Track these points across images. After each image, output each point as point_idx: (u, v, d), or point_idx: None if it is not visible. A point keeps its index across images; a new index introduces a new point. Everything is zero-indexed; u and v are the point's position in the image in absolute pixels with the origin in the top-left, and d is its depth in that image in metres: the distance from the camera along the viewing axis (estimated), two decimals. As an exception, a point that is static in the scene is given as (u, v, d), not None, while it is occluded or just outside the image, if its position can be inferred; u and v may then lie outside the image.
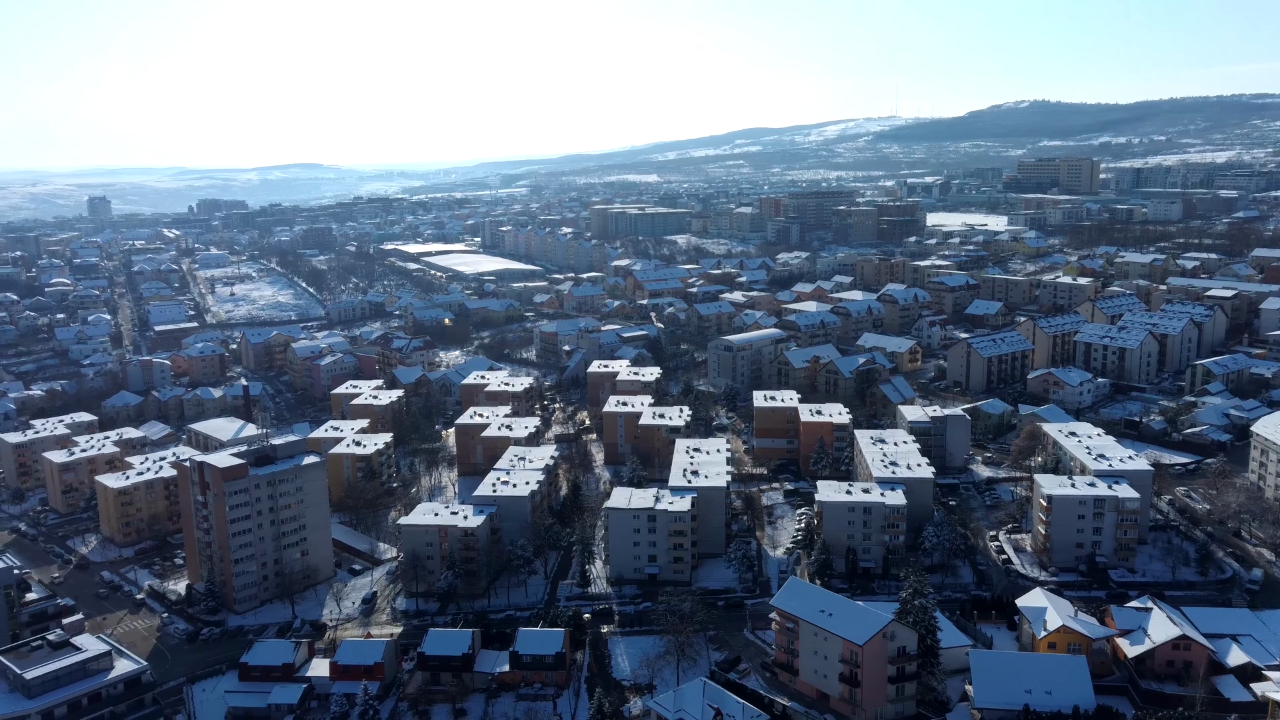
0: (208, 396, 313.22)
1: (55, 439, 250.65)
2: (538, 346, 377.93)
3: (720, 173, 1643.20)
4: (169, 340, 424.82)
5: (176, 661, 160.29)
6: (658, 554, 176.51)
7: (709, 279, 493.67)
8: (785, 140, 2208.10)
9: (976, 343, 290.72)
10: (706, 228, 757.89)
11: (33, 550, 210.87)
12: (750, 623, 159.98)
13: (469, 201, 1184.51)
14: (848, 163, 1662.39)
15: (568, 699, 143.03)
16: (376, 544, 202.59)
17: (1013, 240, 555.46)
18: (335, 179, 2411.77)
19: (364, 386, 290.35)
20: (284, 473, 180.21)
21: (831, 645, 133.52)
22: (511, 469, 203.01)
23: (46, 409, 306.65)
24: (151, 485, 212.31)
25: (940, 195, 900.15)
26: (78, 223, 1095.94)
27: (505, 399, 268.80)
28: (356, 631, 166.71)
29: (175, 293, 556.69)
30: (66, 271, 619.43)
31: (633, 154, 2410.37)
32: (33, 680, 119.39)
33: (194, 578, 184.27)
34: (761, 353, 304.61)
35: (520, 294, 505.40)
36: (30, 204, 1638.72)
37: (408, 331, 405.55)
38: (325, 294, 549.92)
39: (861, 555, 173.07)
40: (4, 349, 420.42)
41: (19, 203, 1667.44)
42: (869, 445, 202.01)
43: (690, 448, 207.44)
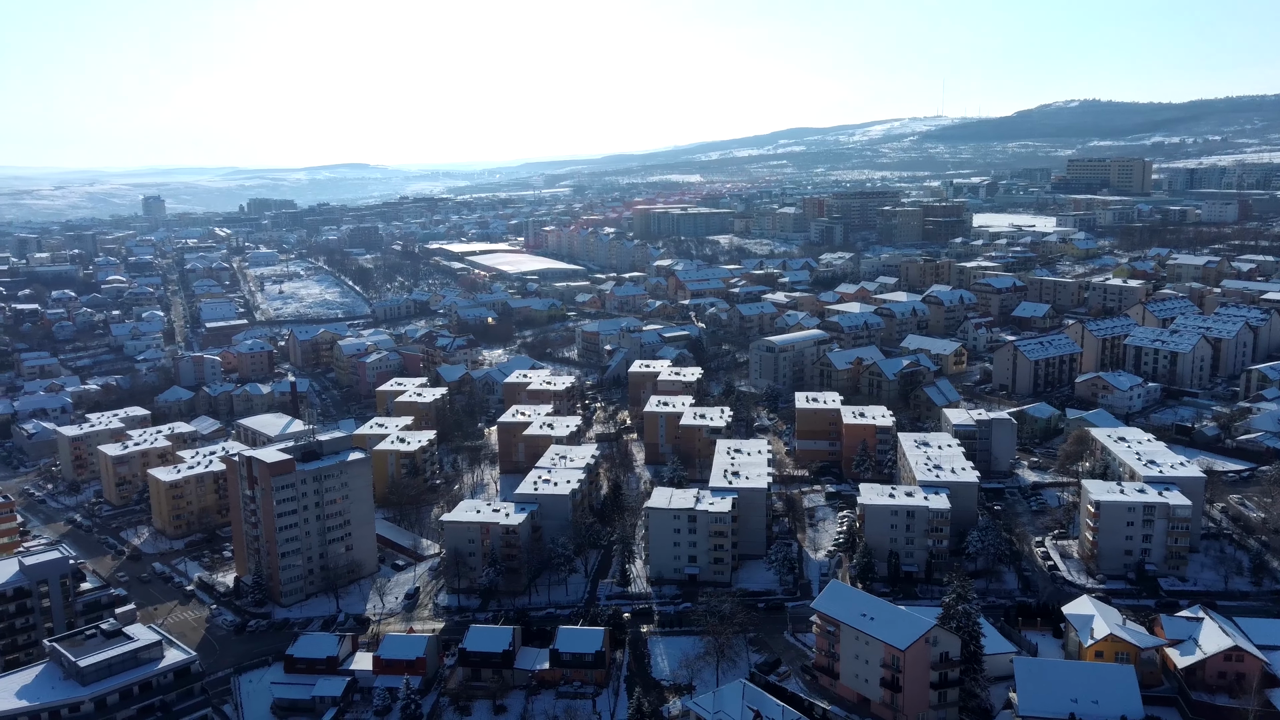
0: (256, 392, 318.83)
1: (110, 433, 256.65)
2: (579, 346, 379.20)
3: (764, 173, 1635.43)
4: (219, 337, 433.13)
5: (224, 652, 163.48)
6: (698, 554, 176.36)
7: (751, 279, 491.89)
8: (829, 140, 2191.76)
9: (1023, 345, 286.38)
10: (749, 228, 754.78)
11: (88, 541, 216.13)
12: (791, 625, 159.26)
13: (513, 201, 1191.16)
14: (892, 163, 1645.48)
15: (607, 698, 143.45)
16: (419, 540, 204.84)
17: (1061, 241, 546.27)
18: (382, 179, 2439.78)
19: (408, 384, 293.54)
20: (329, 468, 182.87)
21: (873, 649, 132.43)
22: (553, 467, 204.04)
23: (102, 403, 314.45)
24: (201, 479, 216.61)
25: (987, 196, 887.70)
26: (133, 221, 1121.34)
27: (547, 398, 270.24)
28: (399, 626, 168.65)
29: (226, 290, 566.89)
30: (122, 269, 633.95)
31: (676, 154, 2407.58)
32: (86, 668, 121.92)
33: (242, 570, 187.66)
34: (804, 354, 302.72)
35: (562, 293, 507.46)
36: (88, 203, 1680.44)
37: (452, 330, 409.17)
38: (371, 292, 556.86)
39: (904, 559, 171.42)
40: (62, 344, 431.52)
41: (77, 202, 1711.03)
42: (912, 448, 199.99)
43: (731, 448, 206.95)
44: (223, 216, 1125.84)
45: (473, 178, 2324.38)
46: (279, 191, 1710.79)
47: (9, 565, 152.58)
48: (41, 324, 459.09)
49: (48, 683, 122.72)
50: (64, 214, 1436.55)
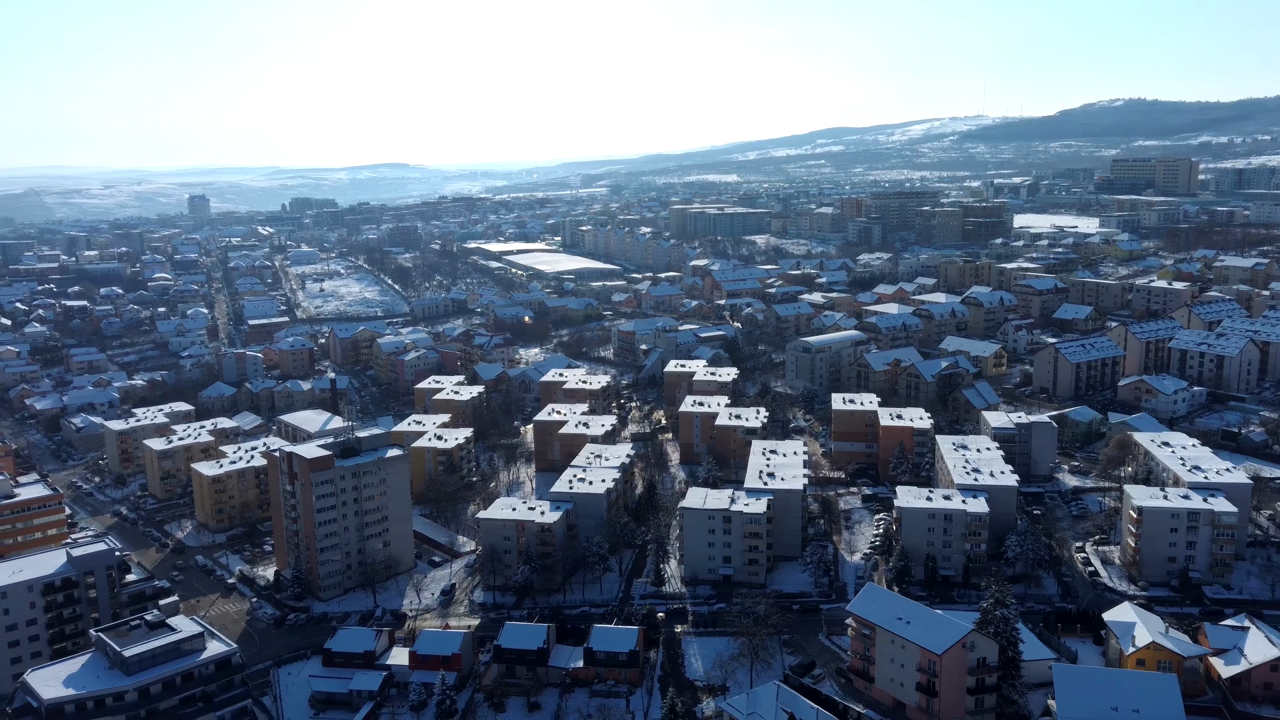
0: (297, 389, 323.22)
1: (155, 427, 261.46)
2: (615, 345, 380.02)
3: (801, 173, 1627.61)
4: (261, 334, 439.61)
5: (264, 645, 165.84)
6: (732, 555, 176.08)
7: (788, 279, 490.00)
8: (868, 140, 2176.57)
9: (1065, 348, 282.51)
10: (786, 228, 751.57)
11: (132, 534, 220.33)
12: (826, 628, 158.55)
13: (550, 201, 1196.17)
14: (932, 163, 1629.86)
15: (640, 697, 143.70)
16: (456, 537, 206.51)
17: (1104, 243, 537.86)
18: (421, 179, 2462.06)
19: (446, 382, 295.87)
20: (368, 465, 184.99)
21: (909, 653, 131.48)
22: (588, 466, 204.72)
23: (147, 398, 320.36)
24: (243, 474, 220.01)
25: (1028, 196, 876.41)
26: (179, 220, 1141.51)
27: (583, 397, 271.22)
28: (435, 622, 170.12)
29: (268, 288, 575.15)
30: (168, 267, 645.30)
31: (713, 154, 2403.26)
32: (131, 658, 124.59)
33: (282, 564, 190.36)
34: (841, 355, 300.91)
35: (599, 293, 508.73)
36: (136, 202, 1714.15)
37: (489, 329, 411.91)
38: (410, 291, 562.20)
39: (941, 563, 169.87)
40: (109, 340, 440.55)
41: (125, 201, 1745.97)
42: (950, 451, 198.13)
43: (767, 449, 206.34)
44: (265, 215, 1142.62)
45: (511, 178, 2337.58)
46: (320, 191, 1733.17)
47: (57, 556, 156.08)
48: (90, 320, 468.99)
49: (94, 672, 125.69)
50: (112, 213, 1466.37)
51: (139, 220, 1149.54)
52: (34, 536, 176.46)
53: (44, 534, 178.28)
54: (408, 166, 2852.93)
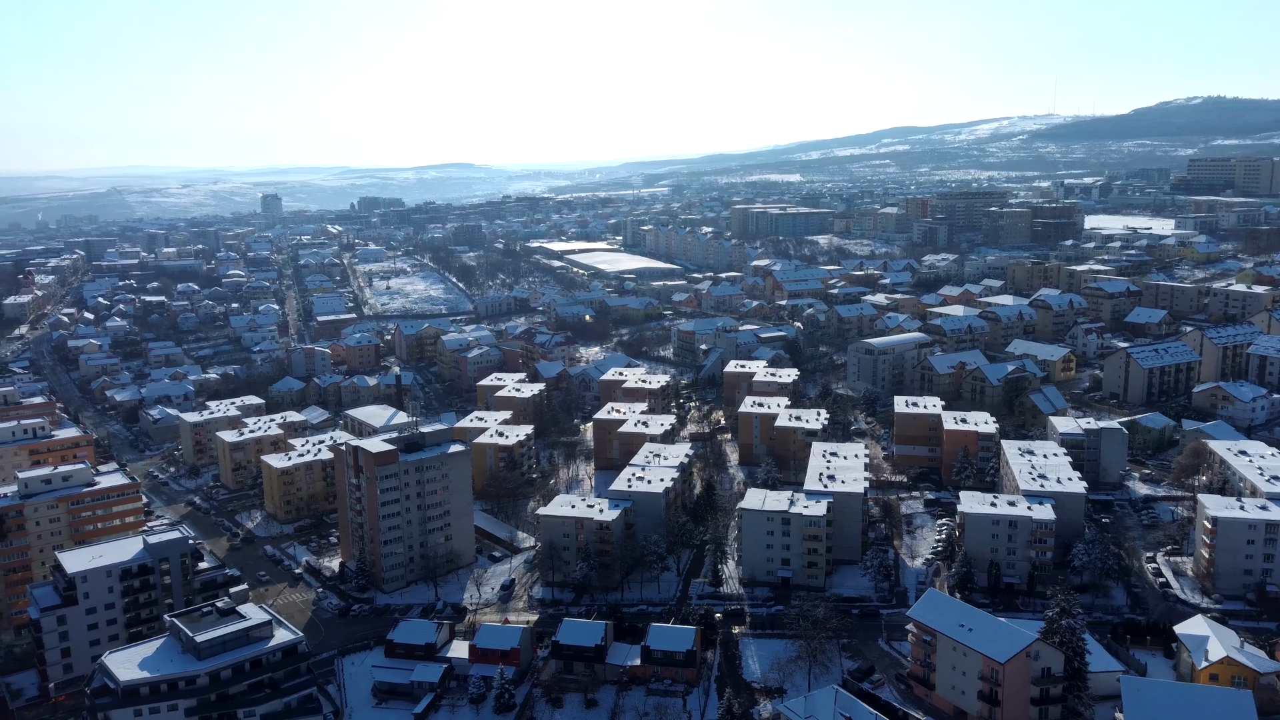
0: (363, 384, 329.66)
1: (227, 420, 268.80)
2: (675, 345, 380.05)
3: (865, 172, 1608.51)
4: (329, 330, 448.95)
5: (329, 635, 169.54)
6: (791, 557, 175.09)
7: (850, 280, 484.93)
8: (934, 139, 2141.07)
9: (1137, 353, 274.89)
10: (849, 228, 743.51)
11: (205, 522, 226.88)
12: (885, 633, 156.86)
13: (612, 200, 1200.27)
14: (1000, 163, 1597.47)
15: (697, 697, 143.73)
16: (516, 532, 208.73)
17: (1180, 245, 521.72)
18: (485, 178, 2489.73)
19: (508, 379, 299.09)
20: (431, 460, 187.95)
21: (971, 661, 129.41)
22: (647, 465, 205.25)
23: (220, 391, 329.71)
24: (310, 466, 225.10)
25: (1100, 197, 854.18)
26: (252, 218, 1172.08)
27: (642, 396, 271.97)
28: (495, 617, 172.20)
29: (336, 285, 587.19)
30: (241, 264, 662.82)
31: (775, 153, 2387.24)
32: (202, 643, 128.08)
33: (346, 556, 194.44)
34: (904, 357, 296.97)
35: (659, 292, 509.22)
36: (212, 201, 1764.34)
37: (550, 327, 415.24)
38: (474, 289, 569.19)
39: (1005, 570, 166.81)
40: (185, 335, 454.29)
41: (202, 200, 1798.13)
42: (1016, 456, 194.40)
43: (827, 451, 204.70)
44: (335, 214, 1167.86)
45: (573, 177, 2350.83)
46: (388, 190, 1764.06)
47: (134, 543, 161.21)
48: (168, 315, 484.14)
49: (167, 656, 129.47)
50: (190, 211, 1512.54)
51: (215, 218, 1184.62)
52: (113, 524, 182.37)
53: (122, 521, 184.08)
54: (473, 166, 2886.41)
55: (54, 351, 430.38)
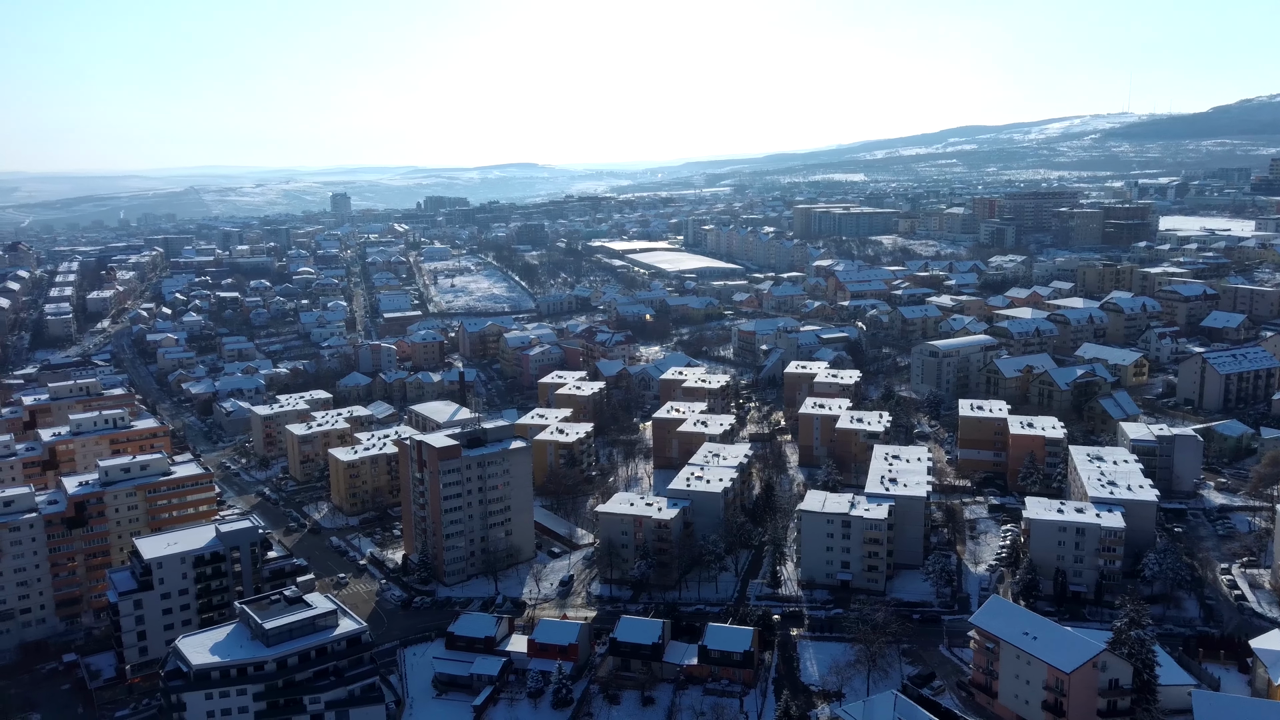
0: (427, 380, 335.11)
1: (296, 413, 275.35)
2: (735, 345, 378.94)
3: (931, 172, 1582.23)
4: (395, 327, 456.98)
5: (391, 625, 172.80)
6: (851, 560, 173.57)
7: (915, 281, 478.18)
8: (1002, 138, 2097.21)
9: (1213, 358, 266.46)
10: (914, 228, 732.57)
11: (274, 513, 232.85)
12: (947, 639, 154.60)
13: (673, 200, 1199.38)
14: (1071, 162, 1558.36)
15: (754, 698, 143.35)
16: (575, 529, 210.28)
17: (1261, 247, 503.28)
18: (548, 178, 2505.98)
19: (568, 377, 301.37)
20: (493, 455, 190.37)
21: (1035, 670, 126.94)
22: (706, 465, 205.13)
23: (290, 385, 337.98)
24: (376, 460, 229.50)
25: (1176, 197, 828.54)
26: (322, 217, 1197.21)
27: (702, 395, 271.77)
28: (553, 612, 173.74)
29: (402, 283, 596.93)
30: (311, 261, 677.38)
31: (839, 153, 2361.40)
32: (271, 630, 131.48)
33: (409, 549, 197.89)
34: (969, 359, 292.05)
35: (720, 292, 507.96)
36: (284, 200, 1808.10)
37: (611, 326, 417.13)
38: (536, 287, 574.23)
39: (1072, 579, 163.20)
40: (257, 330, 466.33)
41: (275, 198, 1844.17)
42: (1085, 462, 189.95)
43: (889, 454, 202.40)
44: (401, 213, 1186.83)
45: (635, 177, 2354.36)
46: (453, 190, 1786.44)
47: (207, 532, 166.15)
48: (241, 311, 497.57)
49: (237, 641, 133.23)
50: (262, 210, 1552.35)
51: (286, 217, 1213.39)
52: (187, 512, 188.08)
53: (196, 510, 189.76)
54: (536, 166, 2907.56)
55: (133, 345, 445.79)
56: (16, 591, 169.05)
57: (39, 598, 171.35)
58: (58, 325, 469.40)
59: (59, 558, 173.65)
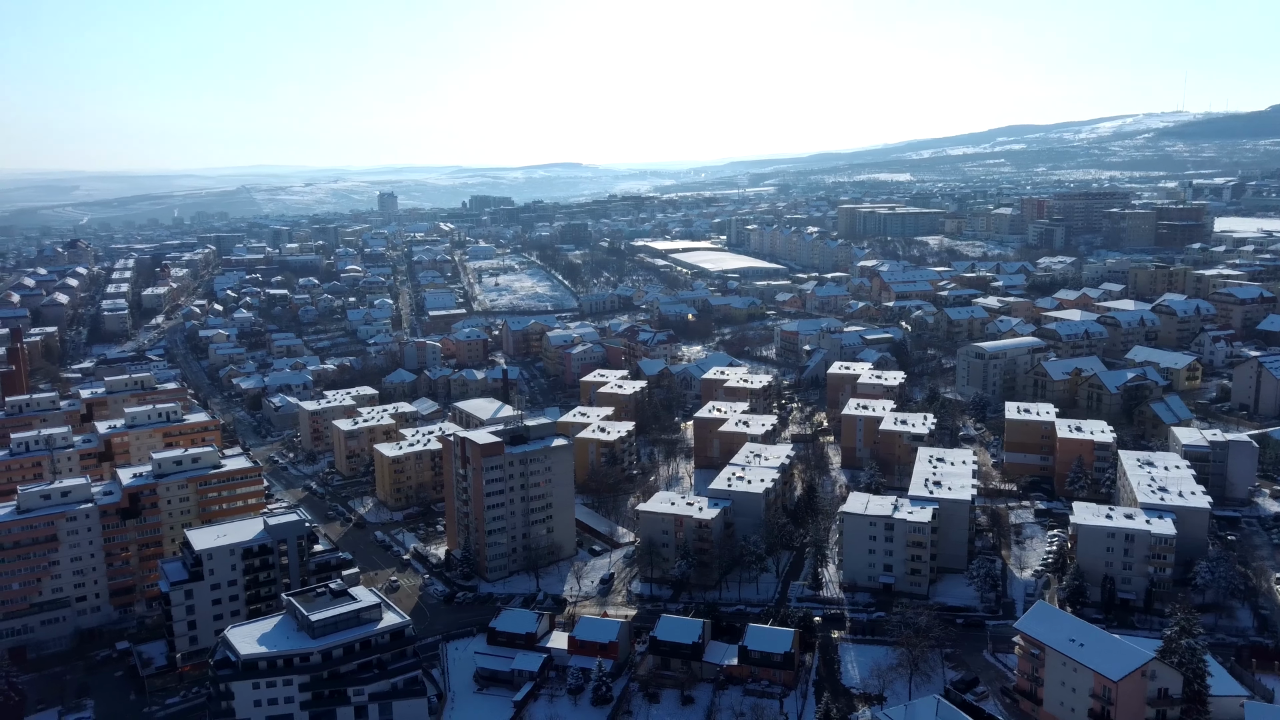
0: (471, 378, 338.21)
1: (343, 409, 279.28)
2: (778, 345, 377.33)
3: (978, 172, 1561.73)
4: (440, 325, 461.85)
5: (434, 620, 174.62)
6: (893, 563, 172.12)
7: (961, 282, 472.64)
8: (1052, 138, 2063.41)
9: (1269, 362, 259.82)
10: (961, 229, 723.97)
11: (320, 507, 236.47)
12: (991, 644, 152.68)
13: (717, 200, 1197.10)
14: (1123, 162, 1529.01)
15: (794, 700, 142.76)
16: (616, 527, 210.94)
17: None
18: (592, 178, 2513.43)
19: (610, 376, 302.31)
20: (535, 453, 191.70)
21: (1081, 678, 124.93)
22: (747, 465, 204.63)
23: (337, 381, 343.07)
24: (420, 456, 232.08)
25: (1232, 198, 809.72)
26: (369, 216, 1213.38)
27: (743, 395, 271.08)
28: (594, 609, 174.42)
29: (447, 281, 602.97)
30: (358, 259, 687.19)
31: (885, 152, 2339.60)
32: (317, 622, 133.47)
33: (452, 544, 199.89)
34: (1016, 362, 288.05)
35: (763, 292, 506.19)
36: (332, 199, 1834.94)
37: (653, 325, 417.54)
38: (579, 286, 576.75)
39: (1120, 586, 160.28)
40: (305, 327, 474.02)
41: (323, 197, 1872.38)
42: (1135, 468, 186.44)
43: (933, 457, 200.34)
44: (447, 212, 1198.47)
45: (679, 176, 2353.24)
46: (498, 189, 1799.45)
47: (255, 524, 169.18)
48: (290, 308, 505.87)
49: (284, 632, 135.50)
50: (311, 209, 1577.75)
51: (334, 216, 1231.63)
52: (236, 505, 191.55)
53: (245, 503, 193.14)
54: (580, 166, 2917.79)
55: (186, 340, 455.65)
56: (73, 580, 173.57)
57: (94, 586, 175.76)
58: (114, 321, 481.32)
59: (113, 547, 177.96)
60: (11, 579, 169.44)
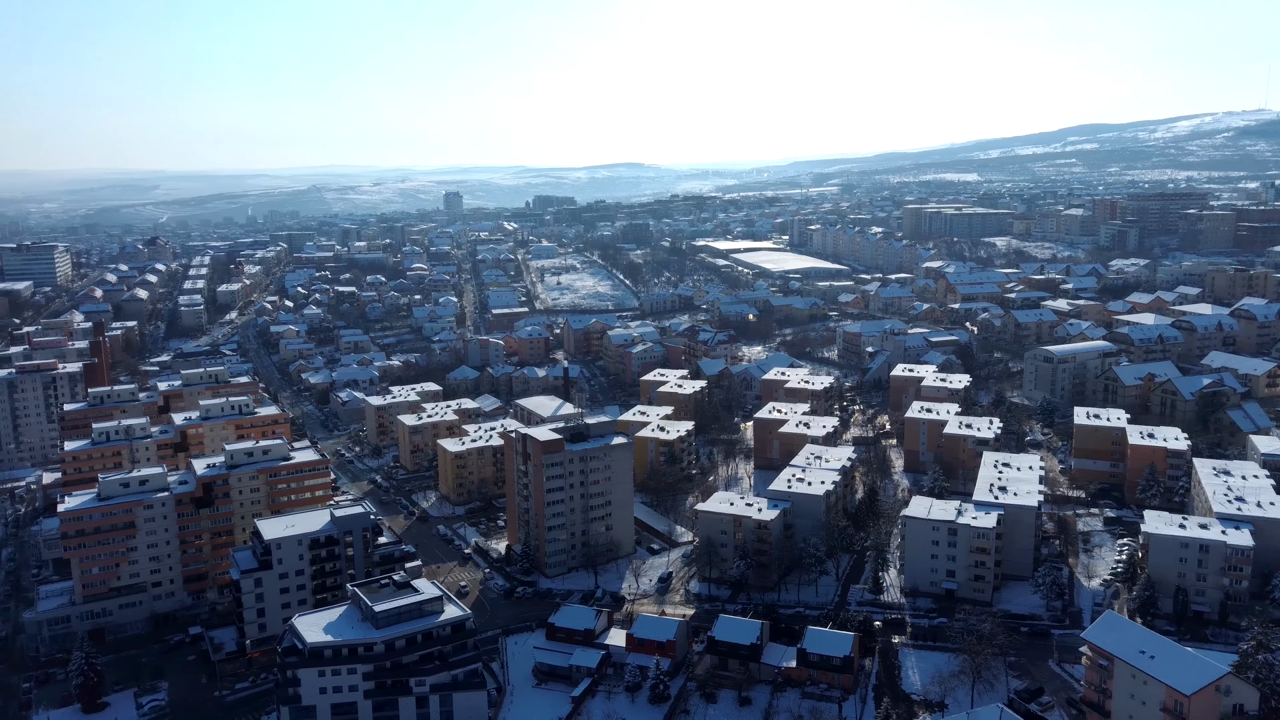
0: (533, 375, 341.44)
1: (407, 404, 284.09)
2: (840, 346, 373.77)
3: (1049, 172, 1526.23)
4: (503, 322, 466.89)
5: (494, 614, 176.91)
6: (956, 569, 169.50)
7: (1029, 284, 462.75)
8: (1126, 137, 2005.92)
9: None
10: (1029, 230, 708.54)
11: (385, 501, 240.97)
12: (1057, 654, 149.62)
13: (779, 200, 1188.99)
14: (1200, 162, 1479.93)
15: (853, 704, 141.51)
16: (674, 526, 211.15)
17: None
18: (654, 177, 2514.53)
19: (670, 375, 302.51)
20: (595, 450, 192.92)
21: (1152, 691, 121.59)
22: (807, 467, 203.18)
23: (402, 378, 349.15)
24: (482, 452, 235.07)
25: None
26: (435, 215, 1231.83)
27: (804, 396, 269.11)
28: (652, 608, 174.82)
29: (510, 280, 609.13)
30: (424, 258, 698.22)
31: (951, 152, 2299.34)
32: (380, 613, 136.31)
33: (513, 539, 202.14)
34: (1086, 366, 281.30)
35: (825, 293, 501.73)
36: (399, 198, 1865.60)
37: (713, 325, 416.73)
38: (640, 286, 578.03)
39: (1194, 597, 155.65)
40: (372, 323, 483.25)
41: (390, 197, 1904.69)
42: (1210, 476, 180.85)
43: (999, 462, 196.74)
44: (511, 212, 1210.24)
45: (741, 176, 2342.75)
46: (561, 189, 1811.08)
47: (322, 516, 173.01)
48: (357, 305, 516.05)
49: (348, 622, 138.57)
50: (379, 208, 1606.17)
51: (401, 215, 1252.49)
52: (304, 496, 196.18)
53: (312, 494, 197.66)
54: (642, 166, 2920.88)
55: (258, 335, 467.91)
56: (149, 566, 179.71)
57: (169, 572, 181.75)
58: (190, 316, 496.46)
59: (187, 535, 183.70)
60: (93, 563, 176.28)
